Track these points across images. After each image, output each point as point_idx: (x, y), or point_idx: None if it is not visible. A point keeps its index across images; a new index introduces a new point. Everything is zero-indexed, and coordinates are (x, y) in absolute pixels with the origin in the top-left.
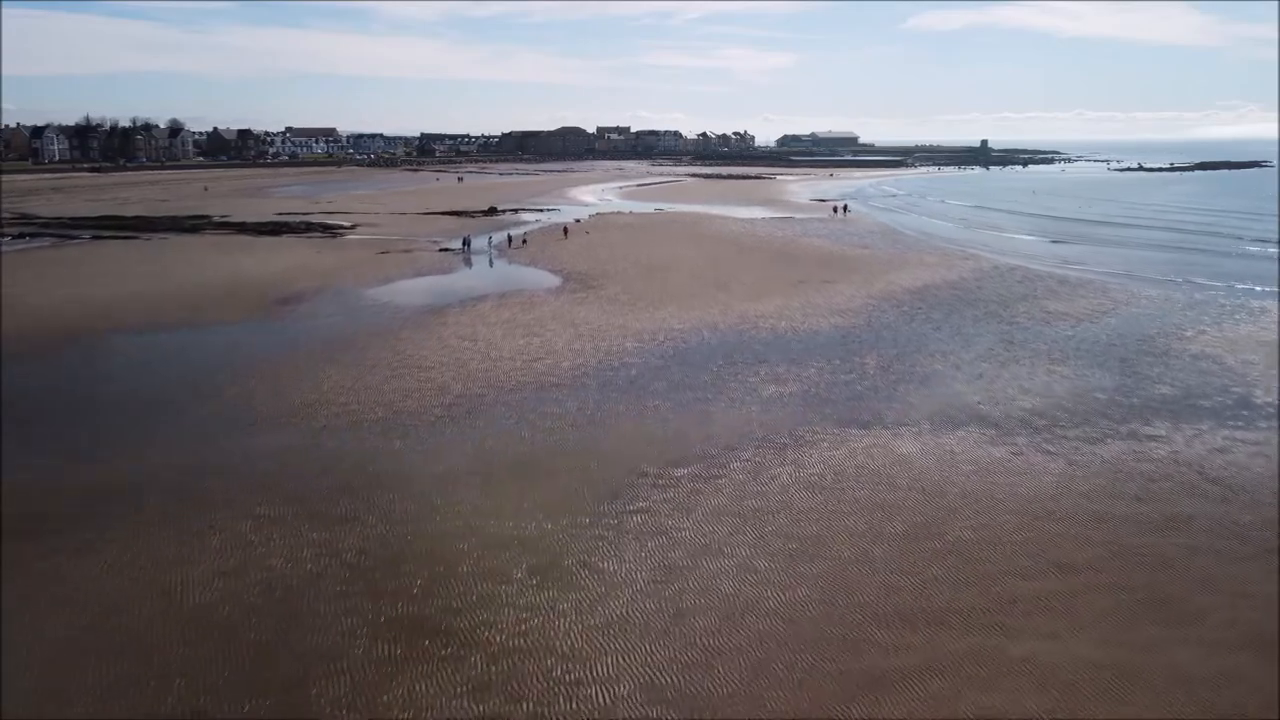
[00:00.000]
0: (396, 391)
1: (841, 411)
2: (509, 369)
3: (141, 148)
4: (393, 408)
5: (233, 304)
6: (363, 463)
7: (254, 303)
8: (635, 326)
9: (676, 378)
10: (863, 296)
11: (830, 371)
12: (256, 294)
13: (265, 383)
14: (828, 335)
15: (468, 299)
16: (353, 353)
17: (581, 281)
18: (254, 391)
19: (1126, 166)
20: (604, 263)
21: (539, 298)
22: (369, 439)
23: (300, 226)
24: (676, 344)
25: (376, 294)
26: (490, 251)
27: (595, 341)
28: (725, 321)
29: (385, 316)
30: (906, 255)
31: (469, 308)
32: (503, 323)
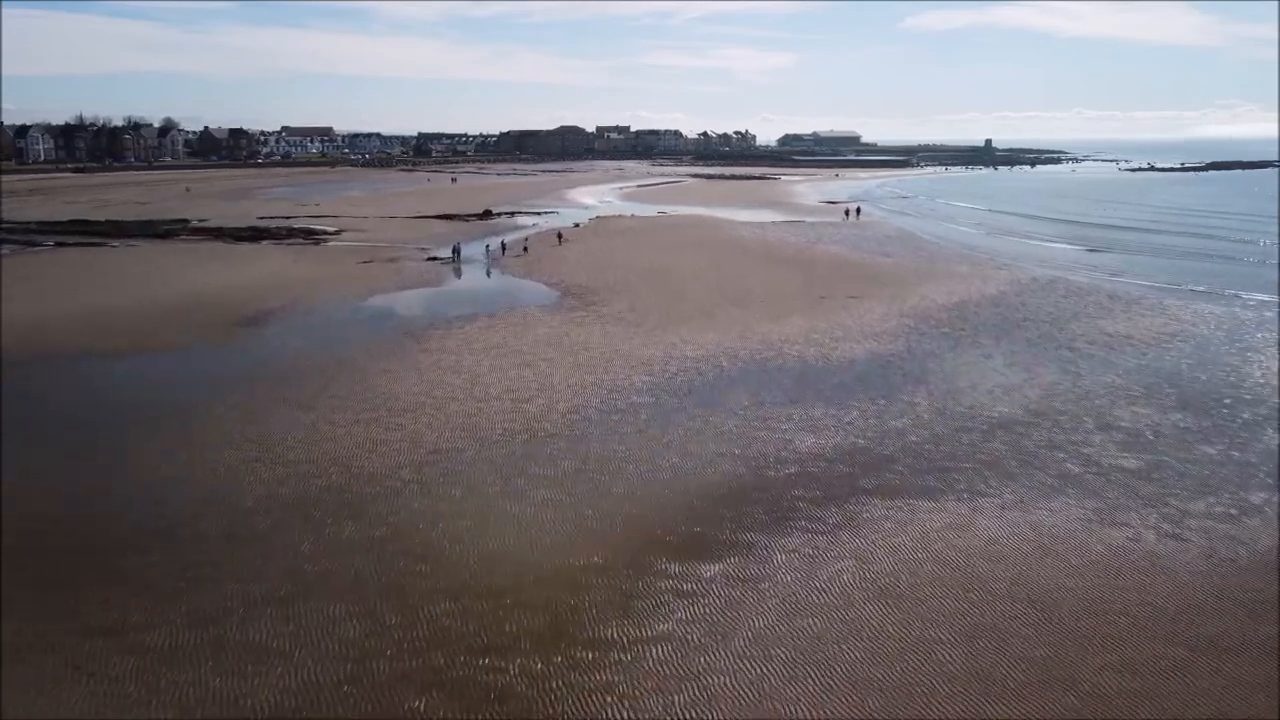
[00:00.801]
0: (359, 444)
1: (900, 474)
2: (496, 412)
3: (130, 147)
4: (351, 468)
5: (189, 324)
6: (296, 567)
7: (213, 323)
8: (643, 354)
9: (695, 425)
10: (895, 315)
11: (876, 415)
12: (218, 312)
13: (199, 433)
14: (865, 365)
15: (454, 318)
16: (315, 389)
17: (581, 297)
18: (176, 450)
19: (1137, 167)
20: (606, 273)
21: (534, 317)
22: (310, 523)
23: (281, 232)
24: (692, 378)
25: (353, 312)
26: (484, 260)
27: (597, 374)
28: (745, 347)
29: (359, 341)
30: (934, 265)
31: (455, 330)
32: (492, 349)
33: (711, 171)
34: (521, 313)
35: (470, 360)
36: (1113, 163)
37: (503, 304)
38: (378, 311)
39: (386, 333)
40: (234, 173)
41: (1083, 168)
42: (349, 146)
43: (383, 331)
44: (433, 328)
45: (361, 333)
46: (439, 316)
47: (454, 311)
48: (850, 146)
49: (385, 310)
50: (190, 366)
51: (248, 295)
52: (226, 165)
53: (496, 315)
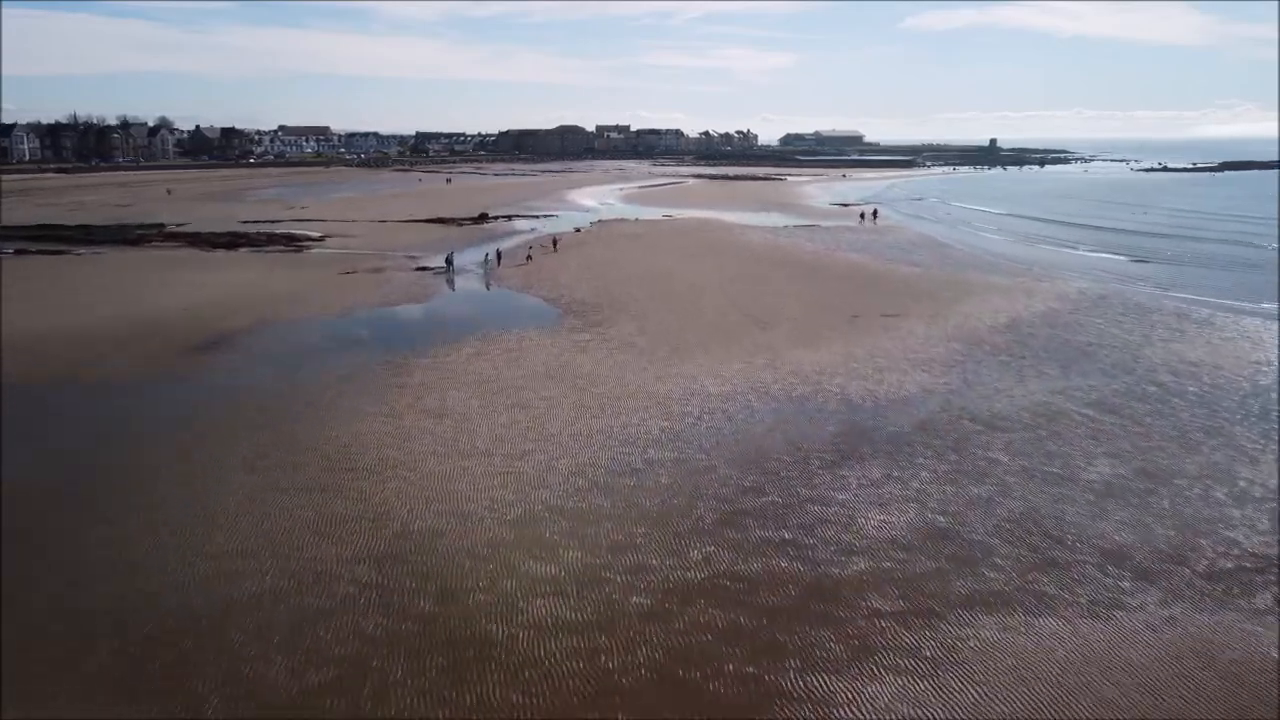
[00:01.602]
0: (309, 524)
1: (1002, 571)
2: (484, 474)
3: (118, 147)
4: (290, 564)
5: (139, 349)
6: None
7: (167, 347)
8: (658, 390)
9: (729, 493)
10: (941, 338)
11: (950, 478)
12: (173, 335)
13: (101, 504)
14: (920, 405)
15: (441, 342)
16: (266, 441)
17: (584, 315)
18: (56, 538)
19: (1149, 167)
20: (611, 286)
21: (531, 341)
22: (222, 655)
23: (261, 238)
24: (718, 423)
25: (326, 334)
26: (483, 267)
27: (605, 418)
28: (777, 381)
29: (328, 372)
30: (968, 276)
31: (440, 357)
32: (482, 383)
33: (714, 172)
34: (517, 335)
35: (456, 398)
36: (1122, 162)
37: (496, 324)
38: (354, 333)
39: (361, 361)
40: (224, 173)
41: (1093, 168)
42: (345, 146)
43: (356, 360)
44: (415, 354)
45: (332, 361)
46: (423, 339)
47: (441, 333)
48: (853, 146)
49: (363, 332)
50: (122, 406)
51: (211, 313)
52: (218, 165)
53: (489, 338)
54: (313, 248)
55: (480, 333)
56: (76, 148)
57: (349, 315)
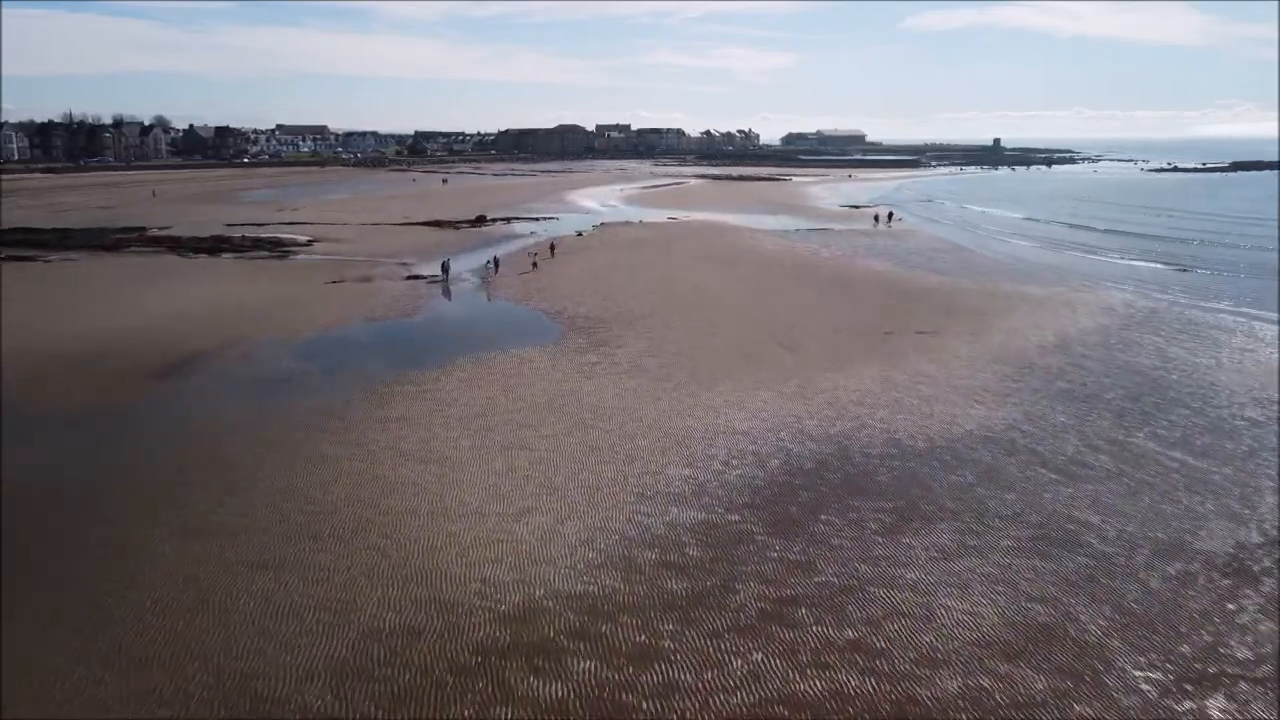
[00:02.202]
0: (251, 619)
1: (1142, 698)
2: (473, 542)
3: (110, 146)
4: (222, 683)
5: (89, 375)
6: None
7: (121, 373)
8: (677, 426)
9: (773, 572)
10: (987, 360)
11: (1038, 548)
12: (134, 356)
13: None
14: (981, 447)
15: (429, 365)
16: (213, 498)
17: (590, 331)
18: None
19: (1159, 168)
20: (617, 297)
21: (531, 362)
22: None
23: (245, 243)
24: (750, 471)
25: (302, 356)
26: (480, 275)
27: (618, 464)
28: (811, 414)
29: (299, 404)
30: (1001, 287)
31: (428, 384)
32: (474, 417)
33: (718, 172)
34: (515, 356)
35: (444, 438)
36: (1129, 163)
37: (493, 342)
38: (334, 354)
39: (337, 389)
40: (217, 173)
41: (1102, 168)
42: (342, 146)
43: (332, 387)
44: (400, 380)
45: (304, 390)
46: (410, 361)
47: (430, 354)
48: (856, 146)
49: (343, 353)
50: (51, 450)
51: (178, 331)
52: (211, 165)
53: (484, 360)
54: (299, 253)
55: (474, 353)
56: (66, 147)
57: (330, 332)
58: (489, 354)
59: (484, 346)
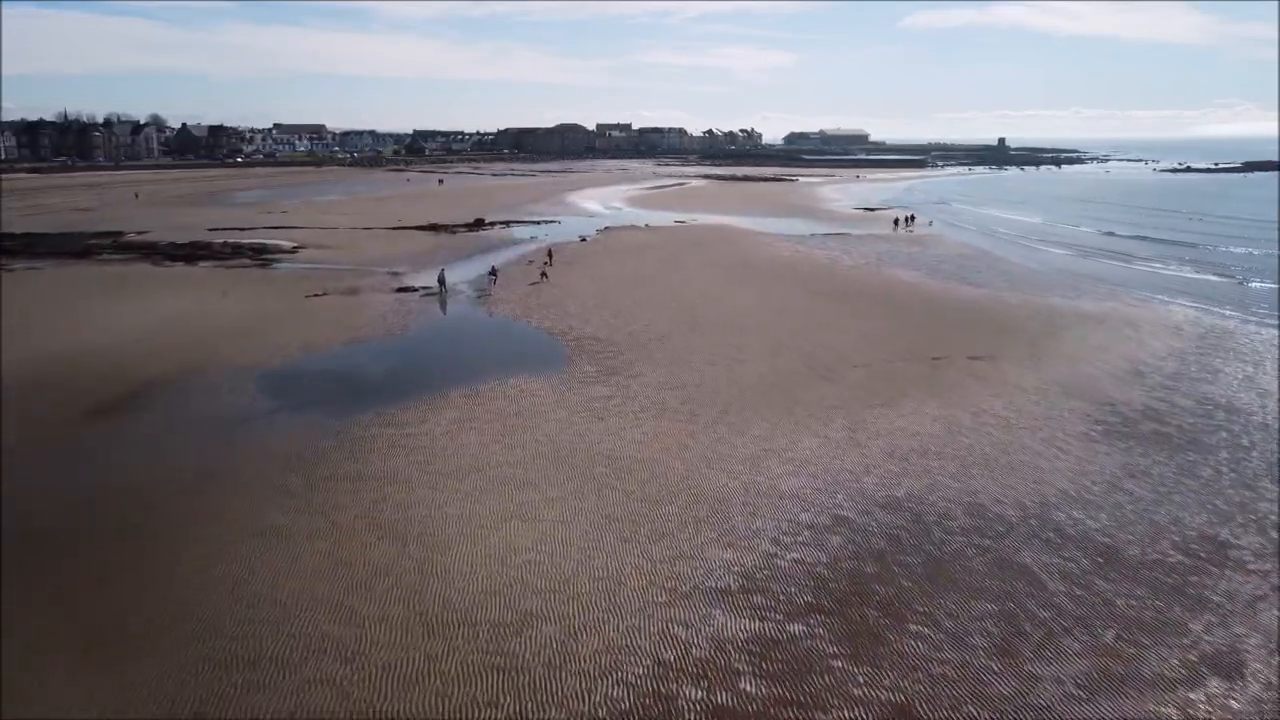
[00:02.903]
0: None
1: None
2: (459, 674)
3: (100, 145)
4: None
5: (23, 411)
6: None
7: (58, 409)
8: (710, 487)
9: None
10: (1056, 392)
11: (1216, 677)
12: (78, 387)
13: None
14: (1085, 516)
15: (416, 398)
16: (115, 603)
17: (599, 356)
18: None
19: (1171, 168)
20: (627, 313)
21: (533, 396)
22: None
23: (225, 250)
24: (809, 554)
25: (271, 387)
26: (477, 288)
27: (641, 543)
28: (869, 468)
29: (255, 453)
30: (1048, 301)
31: (412, 425)
32: (465, 472)
33: (722, 172)
34: (515, 388)
35: (428, 502)
36: (1139, 163)
37: (489, 369)
38: (306, 387)
39: (305, 433)
40: (208, 173)
41: (1113, 169)
42: (339, 145)
43: (299, 430)
44: (380, 420)
45: (265, 433)
46: (394, 396)
47: (417, 386)
48: (859, 145)
49: (317, 384)
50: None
51: (135, 355)
52: (204, 165)
53: (478, 393)
54: (282, 261)
55: (468, 384)
56: (55, 146)
57: (307, 357)
58: (485, 385)
59: (479, 375)
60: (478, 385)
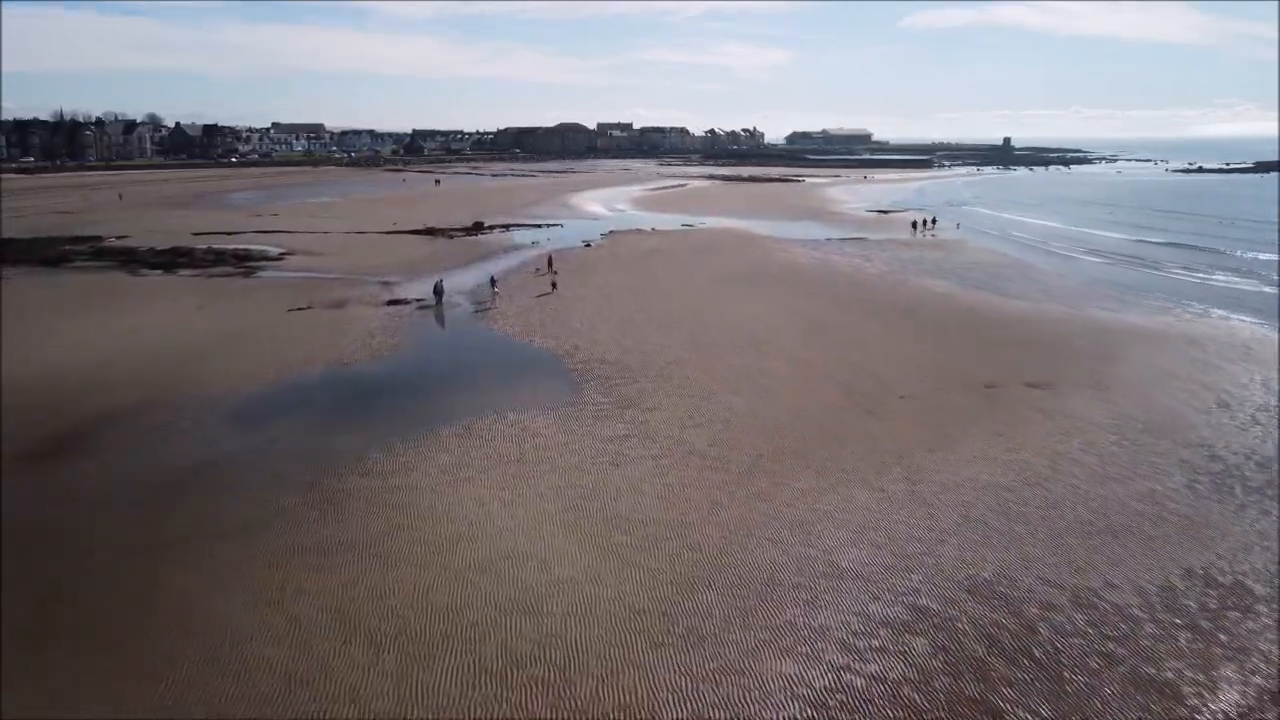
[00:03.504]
0: None
1: None
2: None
3: (91, 145)
4: None
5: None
6: None
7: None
8: (755, 565)
9: None
10: (1138, 430)
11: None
12: (22, 420)
13: None
14: (1231, 603)
15: (403, 438)
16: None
17: (611, 383)
18: None
19: (1183, 168)
20: (639, 331)
21: (538, 435)
22: None
23: (208, 257)
24: (890, 668)
25: (236, 422)
26: (488, 295)
27: (675, 652)
28: (942, 535)
29: (204, 512)
30: (1096, 316)
31: (395, 476)
32: (455, 543)
33: (726, 172)
34: (516, 424)
35: (409, 586)
36: (1148, 163)
37: (488, 400)
38: (277, 422)
39: (268, 486)
40: (200, 173)
41: (1124, 169)
42: (337, 144)
43: (262, 481)
44: (357, 469)
45: (221, 486)
46: (376, 434)
47: (404, 422)
48: (863, 145)
49: (290, 418)
50: None
51: (90, 382)
52: (197, 165)
53: (473, 431)
54: (267, 269)
55: (463, 419)
56: (45, 146)
57: (282, 384)
58: (482, 421)
59: (476, 408)
60: (474, 421)
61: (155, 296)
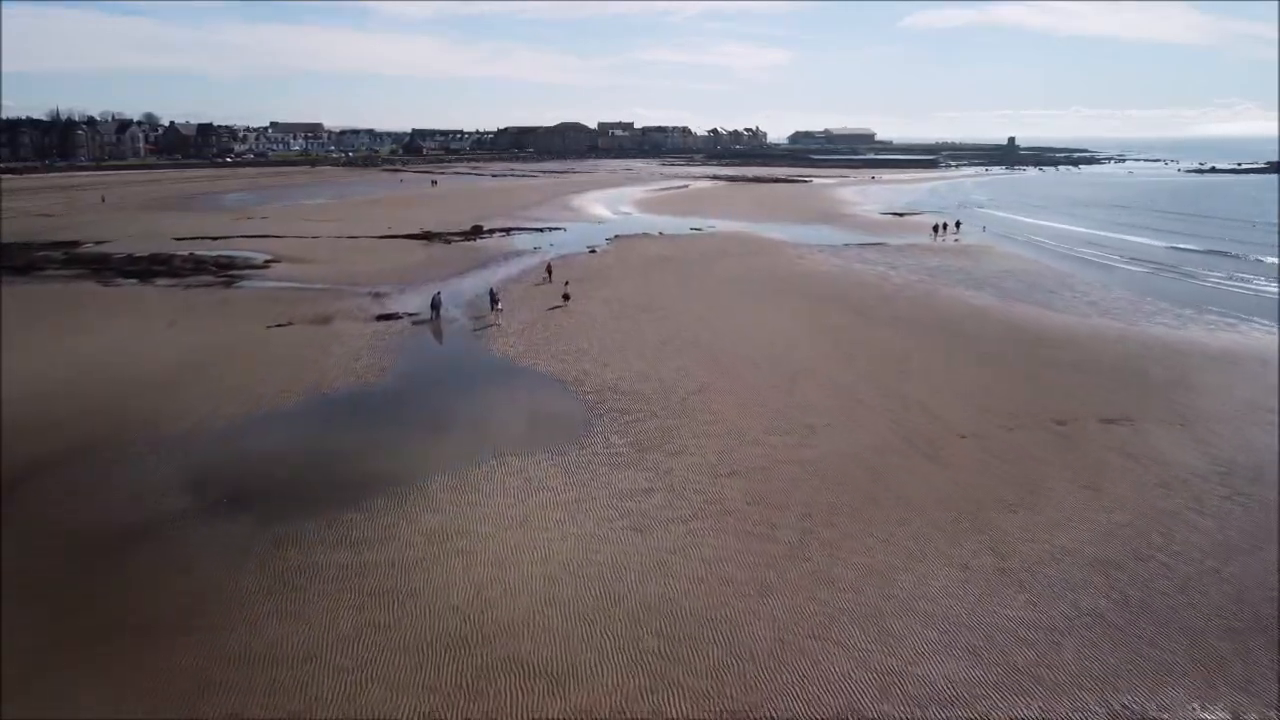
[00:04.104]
0: None
1: None
2: None
3: (83, 144)
4: None
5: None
6: None
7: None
8: (825, 683)
9: None
10: (1247, 477)
11: None
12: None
13: None
14: None
15: (378, 494)
16: None
17: (627, 418)
18: None
19: (1194, 169)
20: (654, 353)
21: (543, 491)
22: None
23: (187, 265)
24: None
25: (188, 471)
26: (490, 310)
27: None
28: (1055, 636)
29: (135, 599)
30: (1154, 333)
31: (369, 548)
32: (443, 647)
33: (731, 173)
34: (518, 475)
35: (381, 709)
36: (1157, 163)
37: (484, 439)
38: (235, 471)
39: (207, 569)
40: (192, 174)
41: (1136, 170)
42: (335, 144)
43: (198, 564)
44: (323, 536)
45: (150, 569)
46: (348, 491)
47: (383, 470)
48: (866, 145)
49: (252, 464)
50: None
51: (29, 419)
52: (190, 165)
53: (465, 485)
54: (250, 278)
55: (455, 466)
56: (36, 146)
57: (247, 421)
58: (478, 469)
59: (472, 450)
60: (468, 468)
61: (124, 311)
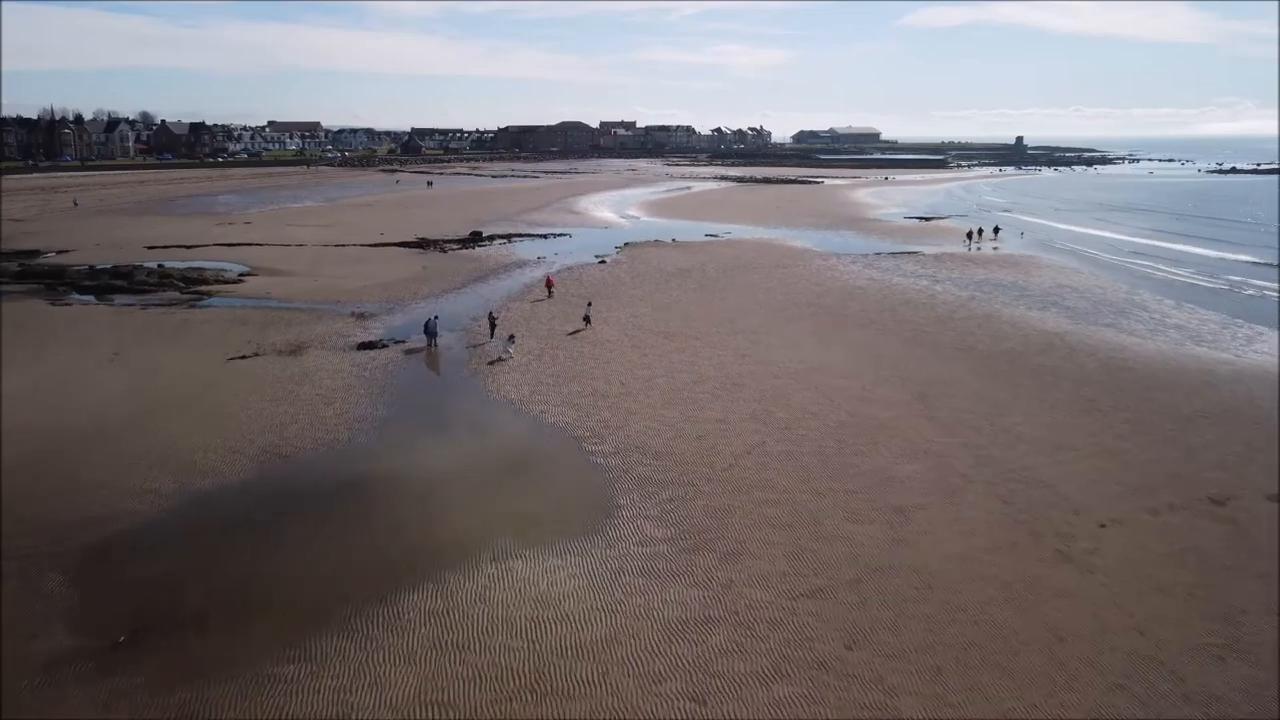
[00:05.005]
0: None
1: None
2: None
3: (71, 144)
4: None
5: None
6: None
7: None
8: None
9: None
10: None
11: None
12: None
13: None
14: None
15: (340, 616)
16: None
17: (662, 496)
18: None
19: (1214, 169)
20: (687, 397)
21: (553, 612)
22: None
23: (150, 280)
24: None
25: (75, 588)
26: (501, 346)
27: None
28: None
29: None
30: (1266, 365)
31: (328, 697)
32: None
33: (738, 173)
34: (523, 590)
35: None
36: (1171, 162)
37: (475, 530)
38: (132, 591)
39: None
40: (180, 174)
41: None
42: (332, 143)
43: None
44: (261, 692)
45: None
46: (299, 609)
47: (344, 585)
48: (873, 144)
49: (168, 579)
50: None
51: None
52: (179, 165)
53: (452, 607)
54: (220, 294)
55: (441, 569)
56: (22, 145)
57: (174, 502)
58: (470, 578)
59: (462, 545)
60: (458, 572)
61: (66, 337)
